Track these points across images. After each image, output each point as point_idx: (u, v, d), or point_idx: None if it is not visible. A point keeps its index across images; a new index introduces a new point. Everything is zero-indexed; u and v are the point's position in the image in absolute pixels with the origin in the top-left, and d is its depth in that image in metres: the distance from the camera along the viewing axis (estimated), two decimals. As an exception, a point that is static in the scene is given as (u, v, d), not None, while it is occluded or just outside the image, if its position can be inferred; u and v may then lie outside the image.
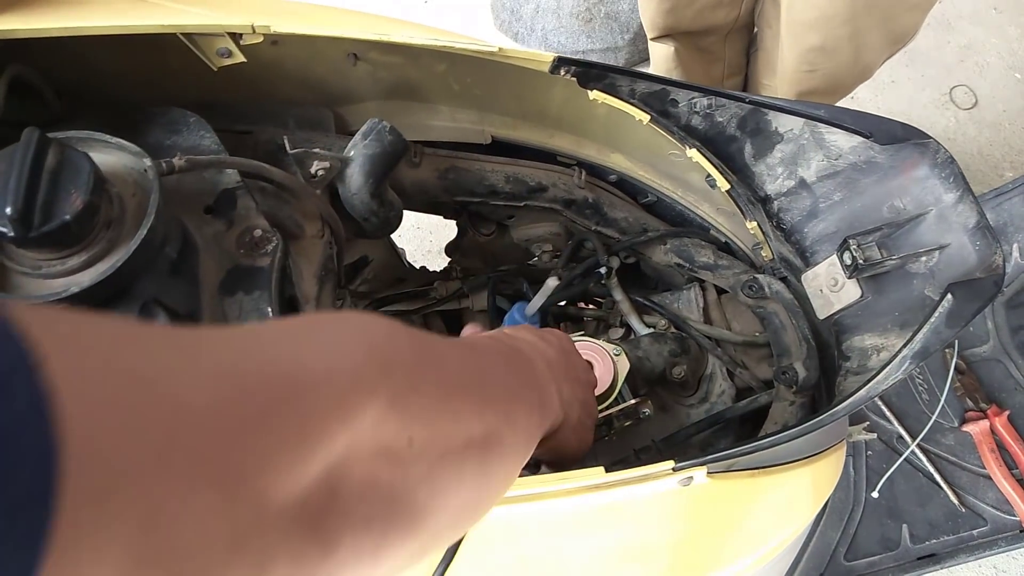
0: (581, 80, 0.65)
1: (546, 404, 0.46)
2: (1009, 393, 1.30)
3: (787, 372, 0.72)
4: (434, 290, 0.88)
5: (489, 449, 0.35)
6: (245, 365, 0.24)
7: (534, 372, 0.47)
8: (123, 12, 0.57)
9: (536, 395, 0.45)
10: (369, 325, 0.31)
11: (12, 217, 0.44)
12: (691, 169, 0.75)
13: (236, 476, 0.21)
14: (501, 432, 0.37)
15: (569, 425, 0.52)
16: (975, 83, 2.01)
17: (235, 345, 0.25)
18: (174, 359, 0.21)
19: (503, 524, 0.49)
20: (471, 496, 0.35)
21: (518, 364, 0.45)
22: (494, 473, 0.36)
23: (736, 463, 0.53)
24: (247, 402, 0.22)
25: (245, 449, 0.22)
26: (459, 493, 0.33)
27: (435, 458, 0.31)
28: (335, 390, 0.26)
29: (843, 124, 0.65)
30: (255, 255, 0.61)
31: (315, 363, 0.26)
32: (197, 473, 0.20)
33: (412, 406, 0.30)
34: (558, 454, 0.54)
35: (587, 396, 0.57)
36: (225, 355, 0.24)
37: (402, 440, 0.29)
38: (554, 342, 0.55)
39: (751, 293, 0.76)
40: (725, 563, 0.59)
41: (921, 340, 0.54)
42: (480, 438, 0.35)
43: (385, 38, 0.59)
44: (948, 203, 0.62)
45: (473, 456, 0.34)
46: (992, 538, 1.20)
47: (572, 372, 0.54)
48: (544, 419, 0.46)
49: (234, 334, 0.26)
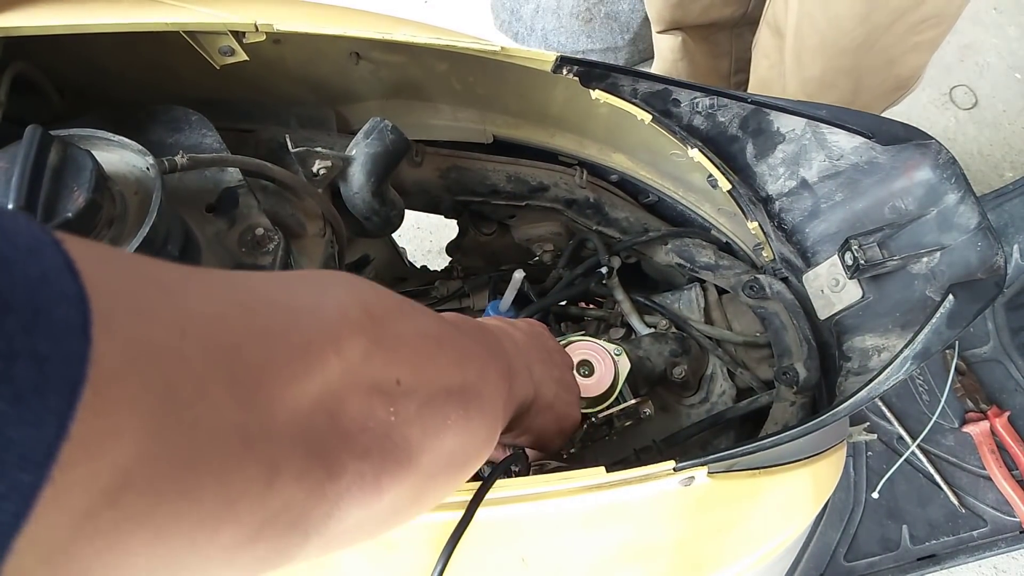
0: (583, 80, 0.65)
1: (515, 375, 0.48)
2: (1009, 394, 1.30)
3: (788, 372, 0.72)
4: (435, 289, 0.88)
5: (469, 400, 0.38)
6: (247, 291, 0.26)
7: (501, 345, 0.49)
8: (126, 10, 0.57)
9: (504, 363, 0.47)
10: (353, 279, 0.35)
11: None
12: (693, 169, 0.75)
13: (244, 380, 0.23)
14: (478, 387, 0.39)
15: (543, 402, 0.54)
16: (975, 83, 2.01)
17: (237, 278, 0.27)
18: (186, 277, 0.23)
19: (504, 524, 0.49)
20: (457, 442, 0.37)
21: (486, 336, 0.48)
22: (475, 424, 0.39)
23: (737, 463, 0.53)
24: (251, 318, 0.25)
25: (250, 357, 0.24)
26: (446, 436, 0.36)
27: (422, 400, 0.34)
28: (325, 320, 0.29)
29: (845, 124, 0.65)
30: (257, 254, 0.61)
31: (306, 298, 0.29)
32: (209, 369, 0.21)
33: (397, 349, 0.33)
34: (539, 436, 0.56)
35: (563, 375, 0.59)
36: (229, 282, 0.26)
37: (391, 379, 0.32)
38: (522, 326, 0.57)
39: (752, 293, 0.76)
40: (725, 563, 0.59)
41: (922, 341, 0.54)
42: (459, 388, 0.37)
43: (387, 37, 0.59)
44: (949, 204, 0.62)
45: (455, 403, 0.37)
46: (992, 539, 1.20)
47: (542, 353, 0.56)
48: (514, 388, 0.48)
49: (235, 272, 0.29)
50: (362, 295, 0.33)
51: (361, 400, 0.30)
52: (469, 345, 0.42)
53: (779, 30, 1.14)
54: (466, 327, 0.45)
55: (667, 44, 1.44)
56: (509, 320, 0.58)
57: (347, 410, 0.29)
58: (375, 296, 0.34)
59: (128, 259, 0.22)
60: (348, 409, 0.29)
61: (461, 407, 0.37)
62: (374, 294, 0.34)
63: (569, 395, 0.59)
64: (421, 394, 0.34)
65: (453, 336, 0.40)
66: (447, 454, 0.36)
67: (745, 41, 1.40)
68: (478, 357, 0.42)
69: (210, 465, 0.21)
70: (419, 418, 0.33)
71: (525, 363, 0.51)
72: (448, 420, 0.36)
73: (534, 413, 0.53)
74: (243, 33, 0.59)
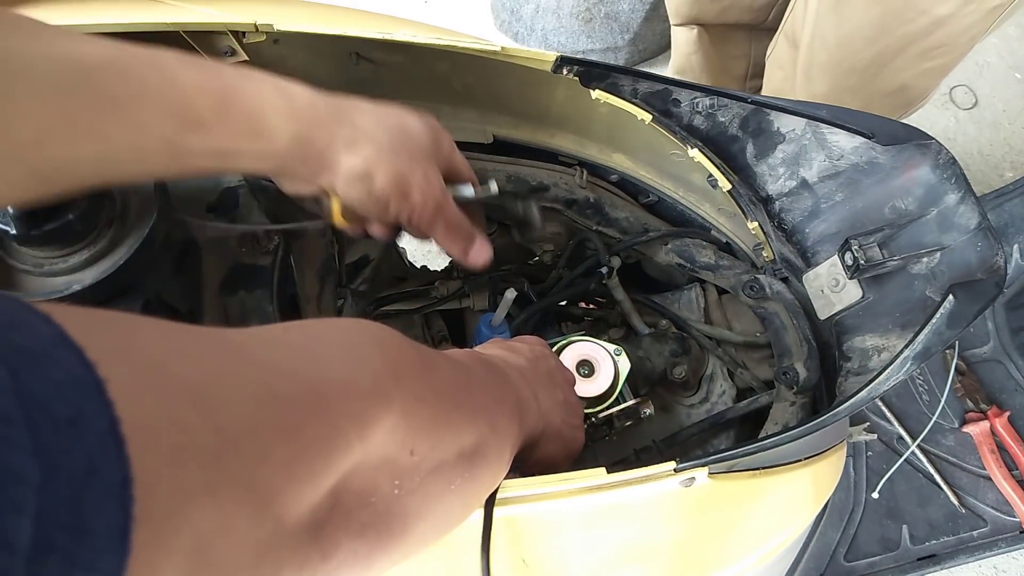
0: (583, 80, 0.64)
1: (525, 411, 0.47)
2: (1009, 394, 1.30)
3: (788, 372, 0.72)
4: (435, 289, 0.88)
5: (476, 460, 0.37)
6: (278, 378, 0.24)
7: (509, 382, 0.47)
8: (125, 10, 0.57)
9: (514, 402, 0.46)
10: (383, 336, 0.32)
11: (15, 215, 0.44)
12: (693, 169, 0.75)
13: (266, 495, 0.22)
14: (488, 442, 0.38)
15: (552, 431, 0.52)
16: (975, 83, 2.01)
17: (268, 356, 0.25)
18: (216, 369, 0.22)
19: (504, 525, 0.49)
20: (456, 504, 0.36)
21: (494, 375, 0.46)
22: (479, 482, 0.38)
23: (737, 464, 0.53)
24: (280, 419, 0.23)
25: (276, 467, 0.22)
26: (447, 501, 0.35)
27: (430, 468, 0.33)
28: (357, 402, 0.27)
29: (845, 125, 0.65)
30: (256, 253, 0.61)
31: (338, 373, 0.27)
32: (237, 494, 0.20)
33: (417, 416, 0.31)
34: (548, 464, 0.54)
35: (567, 396, 0.58)
36: (260, 366, 0.24)
37: (405, 451, 0.30)
38: (523, 350, 0.55)
39: (752, 293, 0.76)
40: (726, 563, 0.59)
41: (922, 341, 0.54)
42: (470, 449, 0.36)
43: (387, 37, 0.59)
44: (950, 204, 0.62)
45: (462, 466, 0.35)
46: (992, 539, 1.20)
47: (546, 377, 0.54)
48: (523, 427, 0.46)
49: (264, 340, 0.26)
50: (394, 359, 0.31)
51: (368, 476, 0.29)
52: (482, 397, 0.40)
53: (795, 42, 1.14)
54: (478, 373, 0.44)
55: (683, 37, 1.42)
56: (511, 345, 0.57)
57: (351, 487, 0.28)
58: (404, 357, 0.32)
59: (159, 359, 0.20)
60: (352, 486, 0.28)
61: (468, 469, 0.36)
62: (402, 354, 0.32)
63: (575, 418, 0.58)
64: (431, 462, 0.33)
65: (469, 388, 0.39)
66: (444, 517, 0.35)
67: (763, 46, 1.40)
68: (490, 408, 0.40)
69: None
70: (422, 487, 0.32)
71: (532, 393, 0.50)
72: (452, 485, 0.35)
73: (543, 443, 0.52)
74: (243, 33, 0.59)
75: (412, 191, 0.50)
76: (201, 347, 0.22)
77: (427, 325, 0.89)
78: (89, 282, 0.47)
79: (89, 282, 0.47)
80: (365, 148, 0.48)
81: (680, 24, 1.41)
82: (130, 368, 0.18)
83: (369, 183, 0.49)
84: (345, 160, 0.48)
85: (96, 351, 0.17)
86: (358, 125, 0.48)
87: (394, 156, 0.49)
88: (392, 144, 0.49)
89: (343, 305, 0.79)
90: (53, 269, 0.47)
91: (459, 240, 0.56)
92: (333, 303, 0.75)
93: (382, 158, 0.48)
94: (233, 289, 0.59)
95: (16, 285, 0.47)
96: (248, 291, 0.59)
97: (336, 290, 0.77)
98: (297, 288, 0.65)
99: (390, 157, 0.49)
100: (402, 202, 0.51)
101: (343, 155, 0.48)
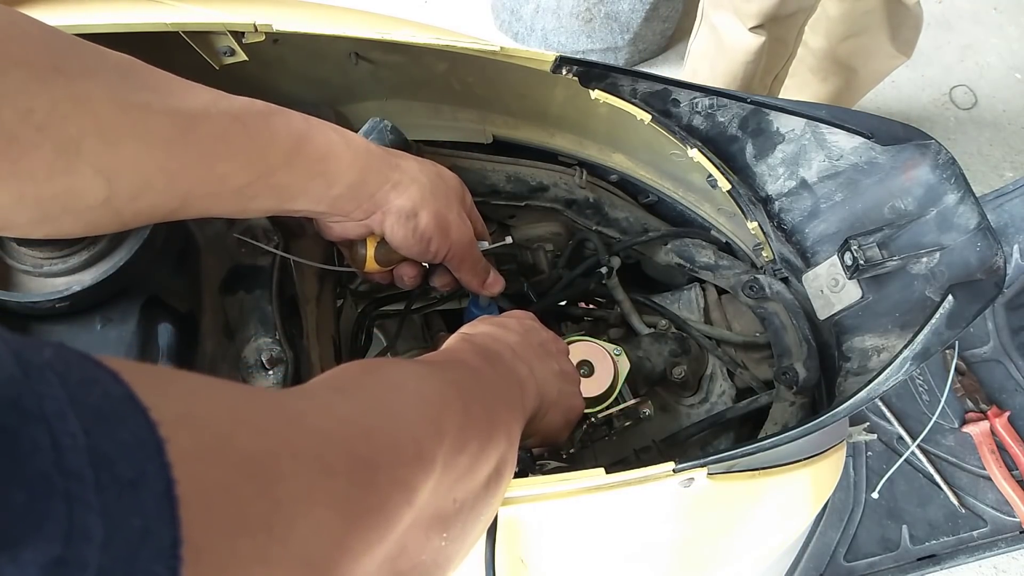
0: (583, 80, 0.64)
1: (525, 393, 0.48)
2: (1009, 394, 1.30)
3: (787, 372, 0.72)
4: (434, 289, 0.88)
5: (498, 480, 0.37)
6: (331, 450, 0.24)
7: (507, 365, 0.48)
8: (125, 10, 0.57)
9: (517, 390, 0.47)
10: (425, 389, 0.33)
11: (14, 215, 0.44)
12: (692, 169, 0.75)
13: (322, 569, 0.22)
14: (507, 457, 0.39)
15: (549, 402, 0.53)
16: (975, 83, 2.01)
17: (322, 425, 0.25)
18: (274, 440, 0.22)
19: (504, 525, 0.49)
20: (481, 528, 0.37)
21: (496, 368, 0.47)
22: (499, 499, 0.39)
23: (736, 464, 0.53)
24: (333, 492, 0.23)
25: (331, 540, 0.22)
26: (478, 531, 0.36)
27: (470, 507, 0.33)
28: (403, 468, 0.27)
29: (844, 125, 0.65)
30: (256, 254, 0.61)
31: (385, 440, 0.27)
32: (292, 567, 0.20)
33: (457, 467, 0.32)
34: (548, 434, 0.55)
35: (562, 366, 0.59)
36: (315, 437, 0.24)
37: (448, 501, 0.31)
38: (513, 325, 0.56)
39: (752, 293, 0.76)
40: (725, 564, 0.59)
41: (922, 341, 0.54)
42: (495, 472, 0.37)
43: (387, 37, 0.59)
44: (949, 204, 0.62)
45: (490, 490, 0.36)
46: (992, 539, 1.20)
47: (539, 349, 0.56)
48: (525, 411, 0.47)
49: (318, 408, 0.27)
50: (435, 417, 0.31)
51: (420, 536, 0.29)
52: (501, 411, 0.41)
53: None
54: (484, 367, 0.44)
55: (753, 44, 1.40)
56: (501, 321, 0.57)
57: (407, 551, 0.28)
58: (447, 410, 0.32)
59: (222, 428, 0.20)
60: (408, 550, 0.28)
61: (493, 494, 0.36)
62: (445, 407, 0.32)
63: (570, 385, 0.59)
64: (471, 502, 0.33)
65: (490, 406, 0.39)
66: (471, 545, 0.36)
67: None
68: (505, 417, 0.41)
69: None
70: (463, 526, 0.33)
71: (529, 369, 0.51)
72: (483, 516, 0.35)
73: (541, 415, 0.53)
74: (243, 33, 0.59)
75: (451, 230, 0.57)
76: (261, 416, 0.22)
77: (427, 325, 0.89)
78: (89, 283, 0.47)
79: (89, 283, 0.47)
80: (412, 190, 0.54)
81: (757, 26, 1.37)
82: (190, 432, 0.19)
83: (415, 221, 0.55)
84: (395, 201, 0.53)
85: (160, 412, 0.17)
86: (405, 170, 0.54)
87: (435, 199, 0.56)
88: (433, 188, 0.56)
89: (343, 306, 0.79)
90: (53, 270, 0.47)
91: (481, 274, 0.65)
92: (333, 304, 0.75)
93: (426, 199, 0.55)
94: (233, 289, 0.59)
95: (16, 285, 0.47)
96: (248, 291, 0.59)
97: (336, 290, 0.77)
98: (297, 289, 0.65)
99: (432, 199, 0.55)
100: (442, 240, 0.57)
101: (392, 196, 0.53)
